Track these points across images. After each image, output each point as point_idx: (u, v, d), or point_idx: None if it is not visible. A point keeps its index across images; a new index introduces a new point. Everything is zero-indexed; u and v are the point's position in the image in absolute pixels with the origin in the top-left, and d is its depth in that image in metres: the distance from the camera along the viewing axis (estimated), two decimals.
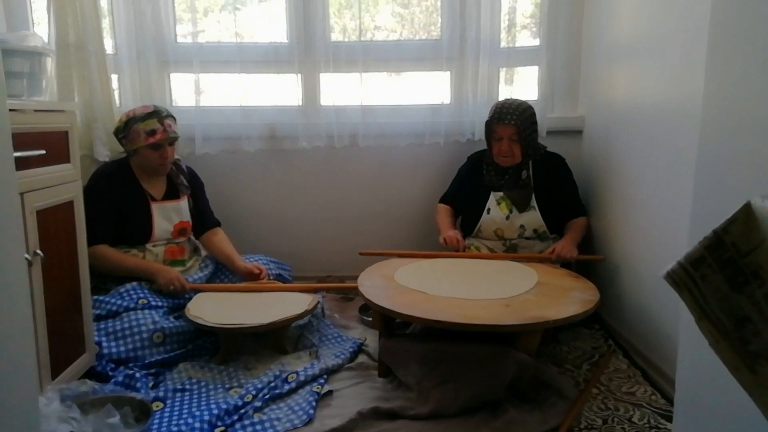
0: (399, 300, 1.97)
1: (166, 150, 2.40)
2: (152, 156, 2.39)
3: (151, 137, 2.35)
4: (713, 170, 1.14)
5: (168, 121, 2.40)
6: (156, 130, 2.36)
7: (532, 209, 2.56)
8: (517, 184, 2.58)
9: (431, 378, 1.85)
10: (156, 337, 2.11)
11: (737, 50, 1.07)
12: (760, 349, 0.76)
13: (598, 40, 2.68)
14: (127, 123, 2.37)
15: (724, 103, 1.11)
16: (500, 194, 2.60)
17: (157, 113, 2.38)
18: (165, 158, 2.41)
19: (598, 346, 2.31)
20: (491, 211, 2.60)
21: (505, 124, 2.48)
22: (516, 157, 2.54)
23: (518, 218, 2.57)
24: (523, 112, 2.49)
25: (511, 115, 2.47)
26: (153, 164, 2.42)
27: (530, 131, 2.52)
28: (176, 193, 2.54)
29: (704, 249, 0.78)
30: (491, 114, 2.53)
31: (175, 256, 2.48)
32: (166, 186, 2.53)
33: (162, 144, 2.38)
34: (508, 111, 2.48)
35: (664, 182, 2.02)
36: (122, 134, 2.39)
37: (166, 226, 2.46)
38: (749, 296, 0.77)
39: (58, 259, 1.81)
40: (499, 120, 2.49)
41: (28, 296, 1.55)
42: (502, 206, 2.59)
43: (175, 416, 1.80)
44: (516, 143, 2.51)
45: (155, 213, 2.43)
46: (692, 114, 1.73)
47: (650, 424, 1.75)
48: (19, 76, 1.88)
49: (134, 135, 2.36)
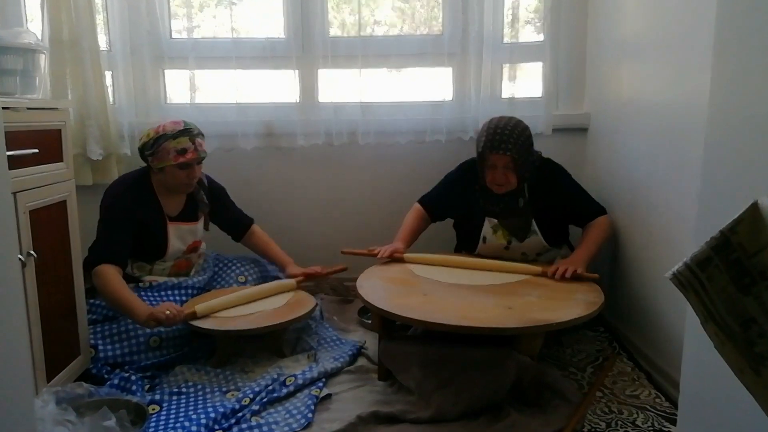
0: (399, 302, 1.94)
1: (194, 169, 2.29)
2: (180, 175, 2.27)
3: (182, 156, 2.22)
4: (720, 169, 1.13)
5: (199, 140, 2.28)
6: (187, 149, 2.23)
7: (533, 234, 2.34)
8: (513, 212, 2.33)
9: (432, 381, 1.82)
10: (152, 342, 2.10)
11: (744, 48, 1.06)
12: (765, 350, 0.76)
13: (603, 36, 2.65)
14: (157, 140, 2.23)
15: (731, 101, 1.10)
16: (495, 221, 2.37)
17: (189, 131, 2.26)
18: (192, 178, 2.30)
19: (602, 348, 2.29)
20: (487, 239, 2.40)
21: (500, 154, 2.20)
22: (511, 185, 2.27)
23: (519, 247, 2.38)
24: (518, 137, 2.21)
25: (506, 144, 2.18)
26: (179, 183, 2.30)
27: (527, 156, 2.25)
28: (194, 212, 2.43)
29: (711, 249, 0.77)
30: (484, 140, 2.22)
31: (180, 270, 2.43)
32: (184, 204, 2.41)
33: (191, 163, 2.28)
34: (502, 138, 2.18)
35: (670, 181, 2.00)
36: (149, 151, 2.24)
37: (180, 246, 2.39)
38: (756, 297, 0.76)
39: (51, 259, 1.79)
40: (494, 149, 2.19)
41: (21, 298, 1.54)
42: (498, 235, 2.38)
43: (172, 419, 1.78)
44: (511, 171, 2.22)
45: (171, 234, 2.34)
46: (699, 112, 1.70)
47: (654, 428, 1.72)
48: (11, 74, 1.85)
49: (163, 153, 2.22)
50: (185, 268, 2.45)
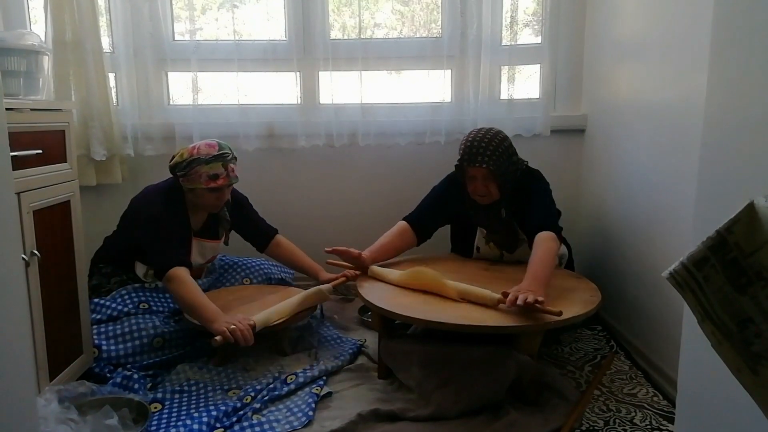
0: (399, 301, 1.96)
1: (224, 193, 2.29)
2: (209, 198, 2.27)
3: (213, 182, 2.22)
4: (716, 170, 1.13)
5: (231, 165, 2.27)
6: (219, 174, 2.22)
7: (523, 243, 2.32)
8: (498, 225, 2.32)
9: (432, 380, 1.84)
10: (156, 342, 2.10)
11: (740, 49, 1.06)
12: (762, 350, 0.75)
13: (600, 38, 2.67)
14: (190, 163, 2.21)
15: (728, 101, 1.10)
16: (485, 232, 2.39)
17: (223, 156, 2.23)
18: (221, 200, 2.30)
19: (600, 347, 2.30)
20: (481, 250, 2.42)
21: (476, 167, 2.20)
22: (493, 196, 2.25)
23: (512, 257, 2.37)
24: (495, 149, 2.18)
25: (482, 156, 2.17)
26: (207, 205, 2.31)
27: (506, 167, 2.22)
28: (215, 228, 2.43)
29: (707, 249, 0.77)
30: (461, 154, 2.23)
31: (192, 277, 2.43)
32: (206, 217, 2.41)
33: (222, 188, 2.27)
34: (478, 152, 2.18)
35: (666, 181, 2.01)
36: (181, 172, 2.23)
37: (199, 261, 2.40)
38: (752, 297, 0.76)
39: (55, 259, 1.80)
40: (470, 162, 2.19)
41: (25, 297, 1.56)
42: (491, 246, 2.39)
43: (174, 418, 1.79)
44: (491, 182, 2.22)
45: (194, 248, 2.35)
46: (695, 113, 1.72)
47: (652, 426, 1.74)
48: (15, 75, 1.87)
49: (195, 176, 2.21)
50: (197, 276, 2.45)
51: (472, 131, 2.29)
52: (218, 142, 2.28)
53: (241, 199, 2.54)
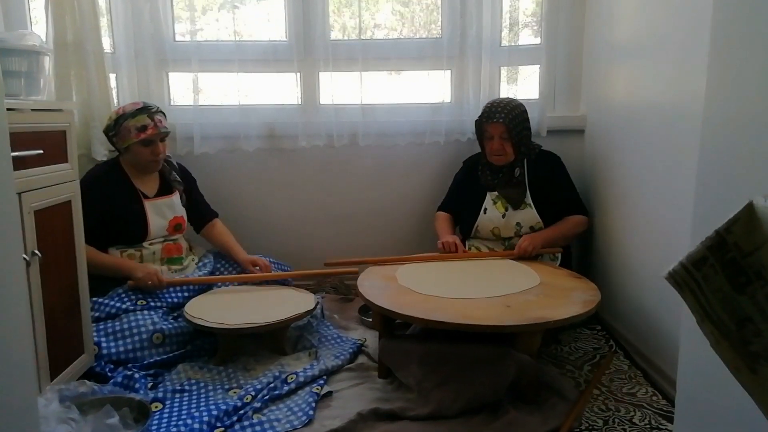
0: (399, 300, 1.96)
1: (158, 146, 2.39)
2: (144, 152, 2.38)
3: (142, 133, 2.34)
4: (715, 169, 1.14)
5: (158, 117, 2.39)
6: (147, 125, 2.34)
7: (527, 206, 2.54)
8: (510, 182, 2.56)
9: (431, 379, 1.84)
10: (155, 338, 2.11)
11: (739, 49, 1.06)
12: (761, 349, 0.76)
13: (599, 39, 2.67)
14: (117, 120, 2.35)
15: (726, 101, 1.10)
16: (495, 194, 2.58)
17: (147, 109, 2.37)
18: (157, 154, 2.40)
19: (599, 346, 2.31)
20: (488, 210, 2.58)
21: (494, 123, 2.48)
22: (509, 155, 2.53)
23: (514, 216, 2.54)
24: (512, 110, 2.48)
25: (499, 114, 2.47)
26: (145, 160, 2.40)
27: (521, 128, 2.50)
28: (169, 189, 2.53)
29: (706, 249, 0.78)
30: (481, 114, 2.54)
31: (172, 254, 2.46)
32: (159, 183, 2.51)
33: (153, 140, 2.37)
34: (497, 110, 2.48)
35: (665, 181, 2.02)
36: (113, 132, 2.38)
37: (161, 223, 2.45)
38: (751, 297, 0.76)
39: (56, 259, 1.80)
40: (488, 119, 2.49)
41: (26, 297, 1.56)
42: (498, 205, 2.57)
43: (174, 417, 1.79)
44: (507, 141, 2.50)
45: (149, 211, 2.42)
46: (694, 113, 1.73)
47: (651, 425, 1.74)
48: (16, 76, 1.87)
49: (125, 132, 2.34)
50: (176, 252, 2.48)
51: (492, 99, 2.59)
52: (143, 101, 2.44)
53: (191, 177, 2.66)
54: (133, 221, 2.38)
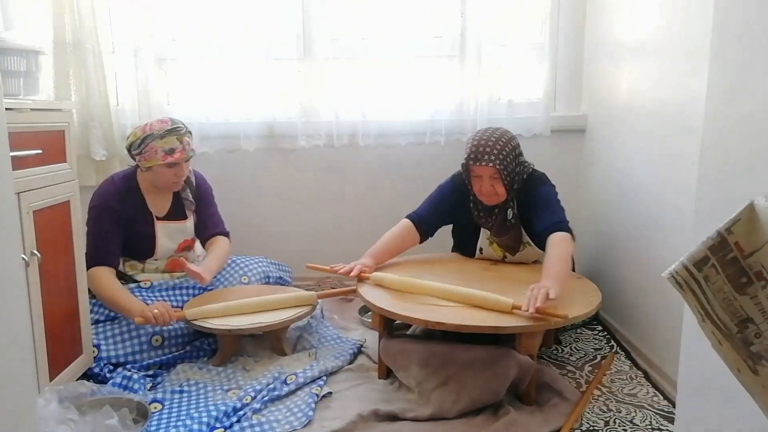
0: (399, 301, 1.95)
1: (182, 168, 2.26)
2: (167, 174, 2.24)
3: (170, 156, 2.19)
4: (716, 170, 1.14)
5: (187, 139, 2.25)
6: (175, 148, 2.20)
7: (526, 246, 2.29)
8: (504, 226, 2.27)
9: (432, 380, 1.83)
10: (155, 341, 2.11)
11: (741, 49, 1.06)
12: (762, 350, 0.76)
13: (600, 39, 2.67)
14: (144, 140, 2.19)
15: (728, 101, 1.10)
16: (489, 234, 2.34)
17: (176, 130, 2.22)
18: (180, 176, 2.28)
19: (600, 347, 2.30)
20: (484, 251, 2.39)
21: (482, 166, 2.15)
22: (500, 196, 2.21)
23: (514, 258, 2.34)
24: (502, 149, 2.15)
25: (488, 155, 2.13)
26: (167, 182, 2.28)
27: (513, 166, 2.19)
28: (181, 210, 2.41)
29: (708, 249, 0.78)
30: (467, 152, 2.19)
31: (175, 269, 2.41)
32: (171, 202, 2.39)
33: (179, 162, 2.25)
34: (485, 149, 2.14)
35: (666, 182, 2.01)
36: (136, 151, 2.22)
37: (170, 246, 2.38)
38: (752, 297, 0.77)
39: (54, 259, 1.80)
40: (476, 161, 2.15)
41: (25, 297, 1.55)
42: (494, 247, 2.36)
43: (173, 418, 1.79)
44: (498, 181, 2.17)
45: (159, 233, 2.33)
46: (695, 113, 1.72)
47: (652, 426, 1.74)
48: (15, 75, 1.87)
49: (150, 153, 2.19)
50: (180, 267, 2.44)
51: (480, 130, 2.26)
52: (170, 118, 2.28)
53: (205, 190, 2.50)
54: (142, 241, 2.31)
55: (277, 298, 2.23)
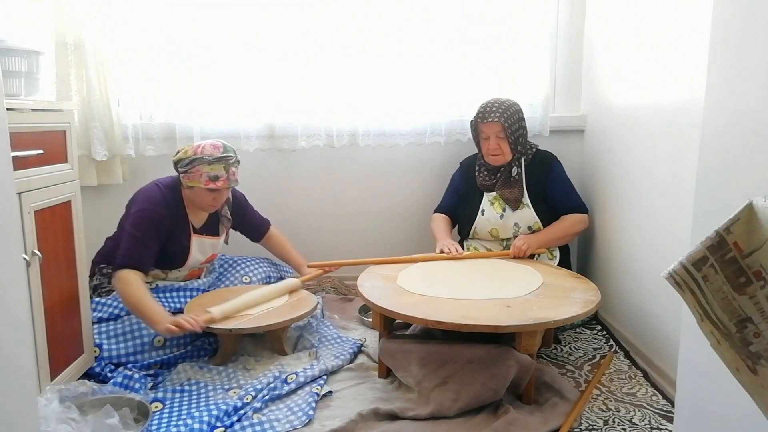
0: (399, 301, 1.96)
1: (222, 194, 2.28)
2: (206, 197, 2.26)
3: (212, 182, 2.21)
4: (715, 170, 1.14)
5: (233, 169, 2.27)
6: (219, 177, 2.22)
7: (525, 206, 2.52)
8: (508, 182, 2.54)
9: (431, 379, 1.84)
10: (157, 341, 2.11)
11: (739, 49, 1.06)
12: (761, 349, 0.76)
13: (600, 39, 2.67)
14: (193, 161, 2.21)
15: (726, 101, 1.10)
16: (493, 194, 2.57)
17: (225, 159, 2.23)
18: (219, 202, 2.31)
19: (599, 347, 2.30)
20: (485, 212, 2.57)
21: (489, 123, 2.46)
22: (506, 155, 2.52)
23: (512, 216, 2.53)
24: (507, 109, 2.47)
25: (494, 113, 2.45)
26: (204, 204, 2.30)
27: (517, 127, 2.49)
28: (216, 225, 2.43)
29: (706, 249, 0.78)
30: (476, 113, 2.52)
31: (192, 278, 2.45)
32: (208, 215, 2.41)
33: (220, 190, 2.27)
34: (491, 109, 2.46)
35: (665, 182, 2.01)
36: (183, 169, 2.24)
37: (200, 258, 2.40)
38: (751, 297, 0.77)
39: (56, 259, 1.81)
40: (483, 118, 2.48)
41: (26, 297, 1.56)
42: (495, 206, 2.56)
43: (174, 417, 1.79)
44: (503, 140, 2.48)
45: (194, 246, 2.35)
46: (694, 113, 1.73)
47: (651, 425, 1.74)
48: (16, 75, 1.87)
49: (195, 174, 2.21)
50: (197, 276, 2.47)
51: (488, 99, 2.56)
52: (224, 144, 2.28)
53: (239, 198, 2.56)
54: (177, 253, 2.32)
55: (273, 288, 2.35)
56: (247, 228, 2.62)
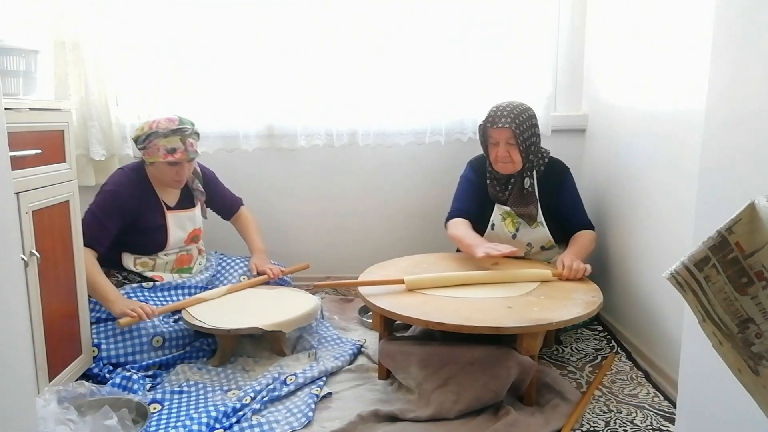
0: (399, 301, 1.95)
1: (183, 167, 2.31)
2: (169, 172, 2.30)
3: (171, 155, 2.24)
4: (717, 170, 1.13)
5: (190, 140, 2.29)
6: (177, 149, 2.25)
7: (539, 225, 2.36)
8: (521, 195, 2.36)
9: (432, 380, 1.83)
10: (155, 342, 2.10)
11: (742, 49, 1.06)
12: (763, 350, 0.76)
13: (601, 38, 2.67)
14: (149, 136, 2.25)
15: (729, 102, 1.10)
16: (506, 209, 2.39)
17: (181, 130, 2.26)
18: (181, 175, 2.33)
19: (601, 348, 2.30)
20: (495, 227, 2.41)
21: (499, 128, 2.27)
22: (516, 164, 2.32)
23: (525, 235, 2.38)
24: (519, 114, 2.28)
25: (505, 118, 2.26)
26: (168, 179, 2.33)
27: (529, 134, 2.31)
28: (190, 199, 2.48)
29: (708, 249, 0.77)
30: (485, 118, 2.34)
31: (183, 264, 2.45)
32: (181, 192, 2.45)
33: (180, 162, 2.29)
34: (502, 114, 2.28)
35: (667, 182, 2.01)
36: (141, 145, 2.29)
37: (181, 235, 2.41)
38: (753, 297, 0.77)
39: (54, 259, 1.80)
40: (493, 123, 2.28)
41: (24, 297, 1.55)
42: (507, 222, 2.39)
43: (173, 418, 1.79)
44: (513, 147, 2.28)
45: (170, 223, 2.37)
46: (695, 113, 1.72)
47: (653, 426, 1.73)
48: (14, 75, 1.87)
49: (153, 149, 2.25)
50: (188, 263, 2.47)
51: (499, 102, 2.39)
52: (179, 117, 2.32)
53: (209, 174, 2.60)
54: (154, 233, 2.34)
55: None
56: (218, 204, 2.65)
